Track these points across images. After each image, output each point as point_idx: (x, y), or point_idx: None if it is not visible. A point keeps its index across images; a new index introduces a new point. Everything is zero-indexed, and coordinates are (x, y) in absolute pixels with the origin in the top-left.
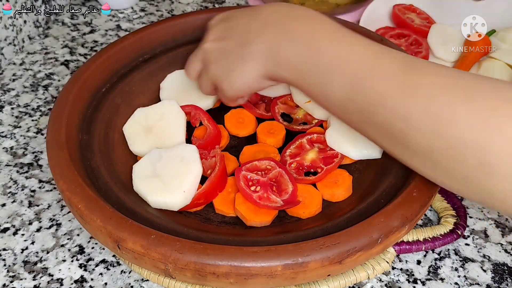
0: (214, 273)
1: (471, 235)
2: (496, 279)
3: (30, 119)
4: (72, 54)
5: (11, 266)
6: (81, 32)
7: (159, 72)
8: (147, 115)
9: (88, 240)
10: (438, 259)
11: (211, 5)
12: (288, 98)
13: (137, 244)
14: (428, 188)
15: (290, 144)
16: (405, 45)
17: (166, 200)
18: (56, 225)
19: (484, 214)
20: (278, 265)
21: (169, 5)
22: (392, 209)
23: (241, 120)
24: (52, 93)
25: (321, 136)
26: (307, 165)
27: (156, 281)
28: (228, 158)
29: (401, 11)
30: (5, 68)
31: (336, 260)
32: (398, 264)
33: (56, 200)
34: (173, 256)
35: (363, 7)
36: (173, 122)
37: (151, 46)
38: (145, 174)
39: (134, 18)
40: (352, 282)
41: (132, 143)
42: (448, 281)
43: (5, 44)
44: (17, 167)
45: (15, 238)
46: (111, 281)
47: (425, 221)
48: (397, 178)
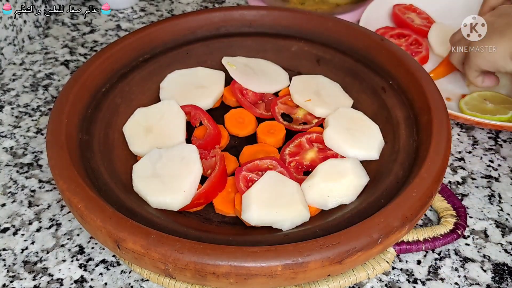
0: (214, 273)
1: (471, 235)
2: (496, 279)
3: (30, 119)
4: (72, 54)
5: (11, 266)
6: (81, 32)
7: (159, 72)
8: (147, 115)
9: (88, 240)
10: (438, 259)
11: (211, 5)
12: (288, 98)
13: (137, 244)
14: (428, 188)
15: (289, 143)
16: (405, 45)
17: (166, 200)
18: (56, 225)
19: (484, 214)
20: (278, 265)
21: (169, 5)
22: (392, 209)
23: (241, 120)
24: (52, 93)
25: (320, 135)
26: (306, 164)
27: (156, 281)
28: (228, 158)
29: (401, 11)
30: (5, 68)
31: (336, 260)
32: (398, 264)
33: (56, 200)
34: (173, 256)
35: (363, 7)
36: (173, 122)
37: (151, 46)
38: (145, 174)
39: (134, 18)
40: (352, 282)
41: (132, 143)
42: (448, 281)
43: (5, 44)
44: (17, 167)
45: (15, 238)
46: (111, 281)
47: (425, 221)
48: (397, 178)
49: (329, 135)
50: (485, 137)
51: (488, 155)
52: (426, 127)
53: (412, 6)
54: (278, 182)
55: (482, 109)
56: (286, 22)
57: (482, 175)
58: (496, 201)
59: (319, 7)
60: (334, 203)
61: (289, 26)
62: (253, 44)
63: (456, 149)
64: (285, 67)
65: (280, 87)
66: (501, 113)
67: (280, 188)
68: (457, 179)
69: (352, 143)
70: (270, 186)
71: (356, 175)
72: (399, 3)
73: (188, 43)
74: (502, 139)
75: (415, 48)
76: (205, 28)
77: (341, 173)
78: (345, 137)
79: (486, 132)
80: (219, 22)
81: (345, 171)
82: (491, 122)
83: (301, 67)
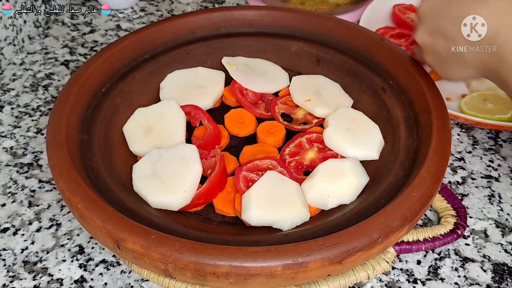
0: (214, 273)
1: (471, 235)
2: (496, 279)
3: (30, 119)
4: (72, 54)
5: (11, 266)
6: (81, 32)
7: (159, 72)
8: (147, 115)
9: (88, 240)
10: (438, 259)
11: (211, 5)
12: (288, 98)
13: (137, 244)
14: (428, 188)
15: (289, 143)
16: (405, 45)
17: (166, 200)
18: (56, 225)
19: (484, 214)
20: (278, 265)
21: (169, 5)
22: (392, 209)
23: (241, 120)
24: (52, 93)
25: (320, 135)
26: (306, 164)
27: (156, 281)
28: (228, 158)
29: (401, 11)
30: (5, 68)
31: (336, 260)
32: (398, 264)
33: (56, 200)
34: (173, 256)
35: (363, 7)
36: (173, 122)
37: (151, 46)
38: (145, 174)
39: (134, 18)
40: (352, 282)
41: (132, 143)
42: (448, 281)
43: (5, 44)
44: (17, 167)
45: (15, 238)
46: (111, 281)
47: (425, 221)
48: (397, 178)
49: (329, 135)
50: (485, 137)
51: (488, 155)
52: (426, 127)
53: (412, 6)
54: (278, 182)
55: (482, 109)
56: (286, 22)
57: (482, 175)
58: (496, 201)
59: (319, 7)
60: (334, 203)
61: (289, 26)
62: (253, 44)
63: (456, 149)
64: (285, 67)
65: (280, 87)
66: (501, 113)
67: (280, 188)
68: (457, 179)
69: (352, 143)
70: (270, 186)
71: (356, 175)
72: (399, 3)
73: (188, 43)
74: (502, 139)
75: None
76: (205, 28)
77: (341, 173)
78: (345, 137)
79: (486, 132)
80: (219, 22)
81: (345, 171)
82: (491, 122)
83: (301, 67)
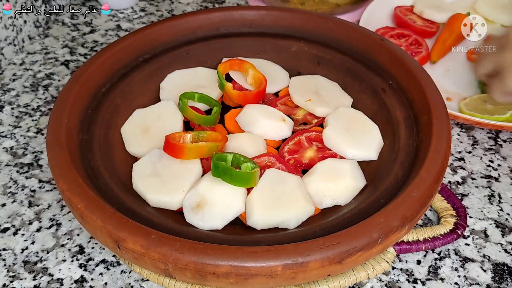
0: (214, 273)
1: (471, 235)
2: (496, 279)
3: (30, 119)
4: (72, 54)
5: (11, 266)
6: (81, 32)
7: (159, 72)
8: (145, 116)
9: (88, 240)
10: (438, 259)
11: (211, 5)
12: (288, 99)
13: (137, 244)
14: (428, 188)
15: (288, 140)
16: (405, 45)
17: (165, 199)
18: (56, 225)
19: (484, 214)
20: (278, 265)
21: (169, 5)
22: (392, 209)
23: None
24: (52, 93)
25: (320, 134)
26: (305, 162)
27: (156, 281)
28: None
29: (403, 13)
30: (5, 68)
31: (336, 260)
32: (398, 264)
33: (56, 200)
34: (173, 256)
35: (363, 7)
36: (170, 123)
37: (151, 46)
38: (145, 173)
39: (134, 18)
40: (352, 282)
41: (129, 144)
42: (448, 281)
43: (5, 44)
44: (17, 167)
45: (15, 238)
46: (111, 281)
47: (425, 221)
48: (397, 178)
49: (328, 134)
50: (485, 137)
51: (488, 155)
52: (426, 127)
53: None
54: (278, 180)
55: (481, 110)
56: (286, 22)
57: (482, 175)
58: (496, 201)
59: (319, 7)
60: (329, 203)
61: (289, 26)
62: (253, 44)
63: (456, 149)
64: (285, 67)
65: (280, 87)
66: (500, 113)
67: (280, 186)
68: (457, 179)
69: (351, 144)
70: (271, 186)
71: (354, 177)
72: (400, 4)
73: (188, 43)
74: (502, 139)
75: (415, 48)
76: (205, 28)
77: (339, 174)
78: (343, 137)
79: (486, 132)
80: (219, 22)
81: (343, 173)
82: (490, 122)
83: (301, 67)
